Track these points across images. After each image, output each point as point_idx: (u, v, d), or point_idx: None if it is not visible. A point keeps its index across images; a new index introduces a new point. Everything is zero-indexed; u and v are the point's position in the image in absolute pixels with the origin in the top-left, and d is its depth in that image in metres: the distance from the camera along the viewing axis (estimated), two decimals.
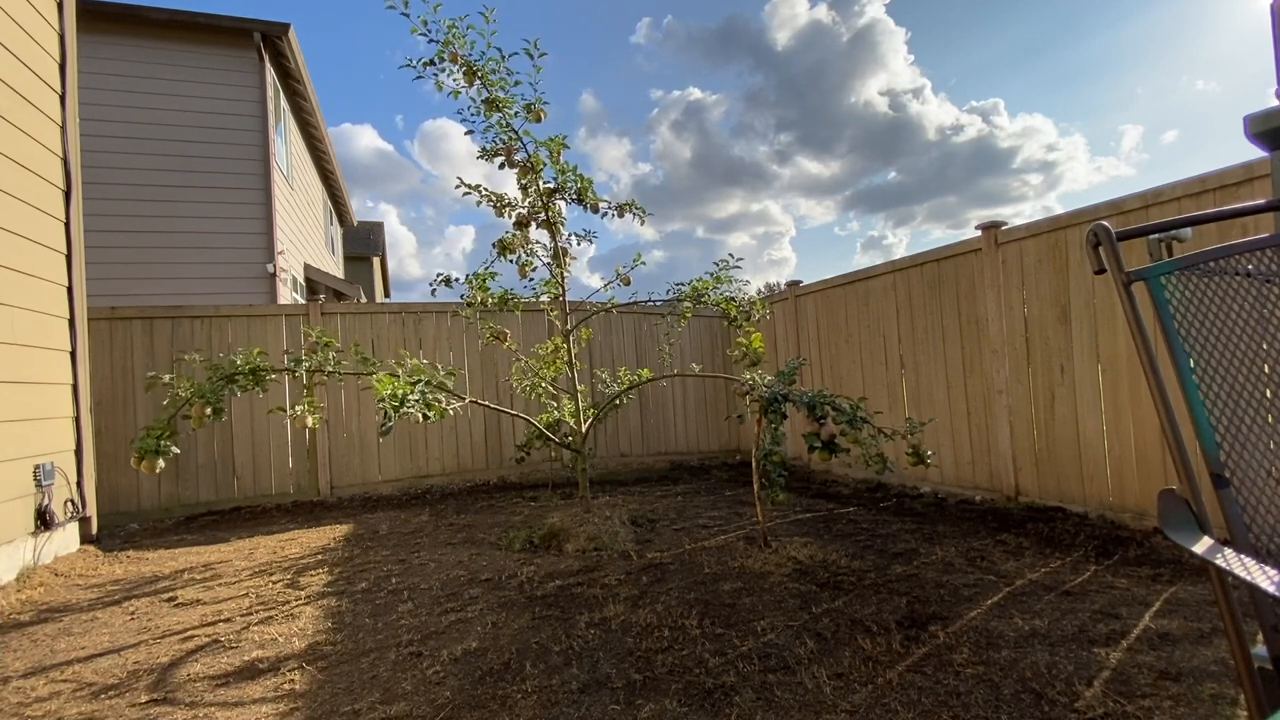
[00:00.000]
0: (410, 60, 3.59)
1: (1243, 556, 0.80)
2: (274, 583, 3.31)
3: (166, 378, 3.28)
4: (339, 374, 3.59)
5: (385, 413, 2.98)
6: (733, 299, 4.41)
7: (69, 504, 4.18)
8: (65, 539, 4.13)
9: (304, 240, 10.90)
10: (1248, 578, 0.75)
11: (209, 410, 3.16)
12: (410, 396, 3.09)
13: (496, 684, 2.05)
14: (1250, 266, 1.09)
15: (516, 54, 3.62)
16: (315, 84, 10.22)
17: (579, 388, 4.42)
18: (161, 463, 3.05)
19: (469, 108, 3.76)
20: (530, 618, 2.62)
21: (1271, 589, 0.72)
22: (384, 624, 2.64)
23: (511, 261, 4.25)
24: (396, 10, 3.44)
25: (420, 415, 3.11)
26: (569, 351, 4.46)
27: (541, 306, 5.08)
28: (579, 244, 4.39)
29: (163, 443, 3.05)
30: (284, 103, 9.84)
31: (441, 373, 3.54)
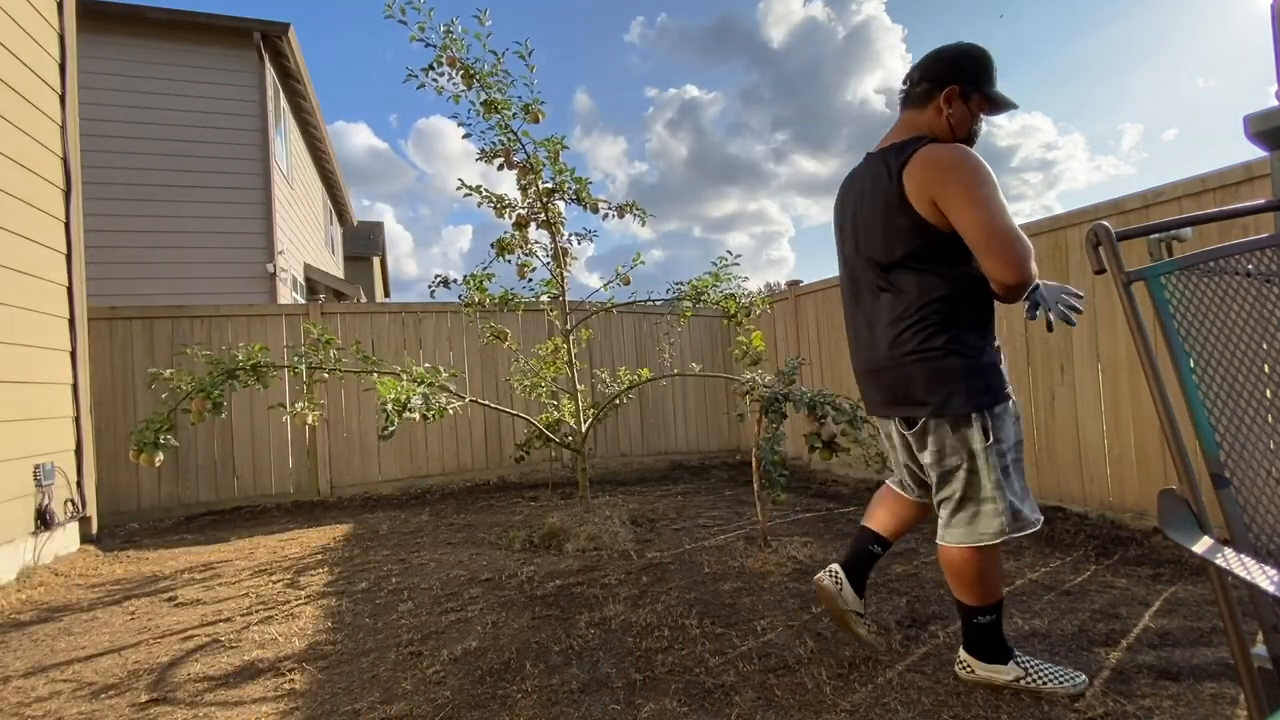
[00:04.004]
0: (411, 70, 3.60)
1: (1243, 556, 0.80)
2: (274, 582, 3.31)
3: (167, 372, 3.27)
4: (340, 372, 3.59)
5: (388, 417, 2.97)
6: (733, 295, 4.42)
7: (69, 504, 4.18)
8: (65, 539, 4.13)
9: (304, 240, 10.90)
10: (1248, 578, 0.75)
11: (209, 404, 3.15)
12: (413, 401, 3.09)
13: (497, 684, 2.06)
14: (1250, 266, 1.09)
15: (508, 51, 3.62)
16: (312, 83, 10.21)
17: (579, 387, 4.42)
18: (160, 456, 3.04)
19: (468, 110, 3.75)
20: (530, 617, 2.62)
21: (1271, 589, 0.72)
22: (384, 624, 2.64)
23: (510, 261, 4.25)
24: (395, 18, 3.44)
25: (420, 416, 3.11)
26: (569, 351, 4.46)
27: (541, 306, 5.07)
28: (579, 243, 4.38)
29: (161, 436, 3.04)
30: (284, 102, 9.84)
31: (444, 375, 3.54)
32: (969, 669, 1.89)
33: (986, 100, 1.74)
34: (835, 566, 2.05)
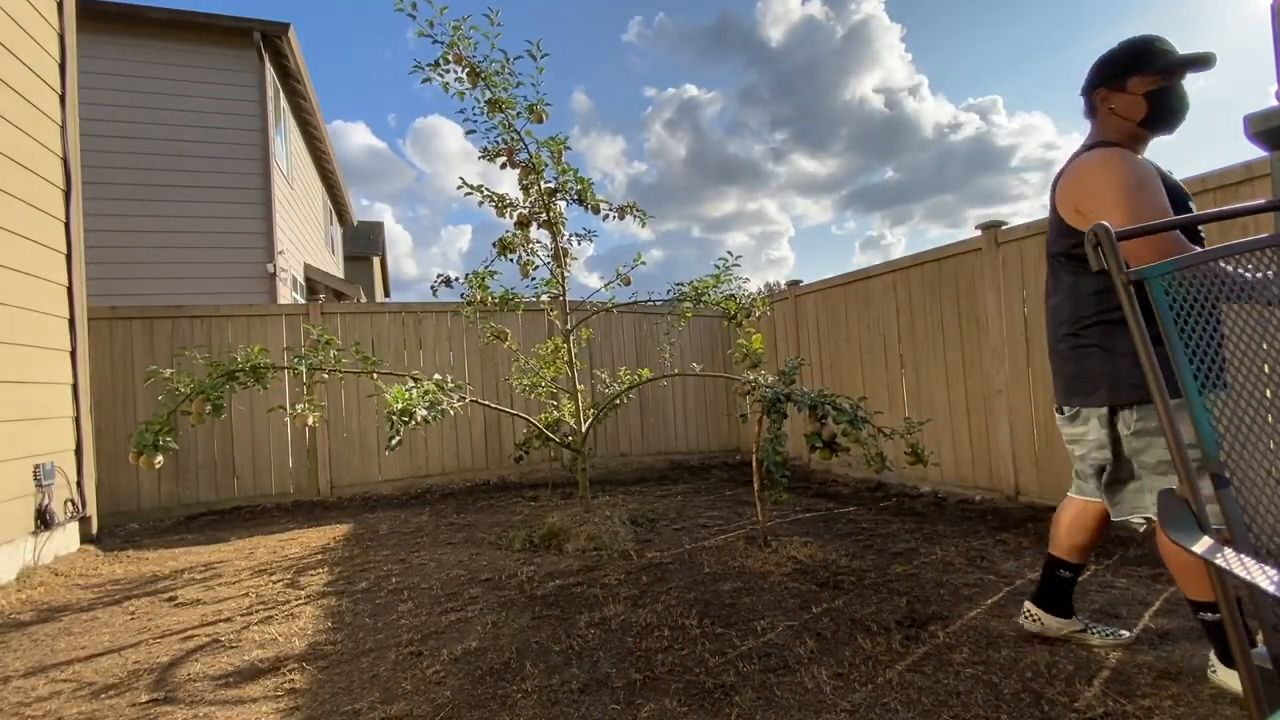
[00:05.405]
0: (418, 63, 3.59)
1: (1243, 556, 0.80)
2: (274, 582, 3.31)
3: (167, 372, 3.27)
4: (340, 373, 3.59)
5: (393, 426, 2.99)
6: (733, 296, 4.42)
7: (69, 504, 4.18)
8: (65, 539, 4.13)
9: (304, 240, 10.90)
10: (1248, 578, 0.75)
11: (209, 406, 3.15)
12: (419, 411, 3.10)
13: (497, 683, 2.06)
14: (1250, 266, 1.09)
15: (521, 56, 3.61)
16: (312, 83, 10.21)
17: (579, 387, 4.42)
18: (160, 458, 3.03)
19: (472, 108, 3.75)
20: (530, 617, 2.62)
21: (1271, 589, 0.72)
22: (384, 623, 2.64)
23: (512, 261, 4.25)
24: (404, 12, 3.44)
25: (423, 419, 3.11)
26: (569, 351, 4.46)
27: (542, 306, 5.07)
28: (580, 243, 4.38)
29: (161, 438, 3.04)
30: (284, 102, 9.83)
31: (450, 384, 3.54)
32: (1214, 669, 1.83)
33: (1153, 75, 1.76)
34: (1028, 604, 2.18)
